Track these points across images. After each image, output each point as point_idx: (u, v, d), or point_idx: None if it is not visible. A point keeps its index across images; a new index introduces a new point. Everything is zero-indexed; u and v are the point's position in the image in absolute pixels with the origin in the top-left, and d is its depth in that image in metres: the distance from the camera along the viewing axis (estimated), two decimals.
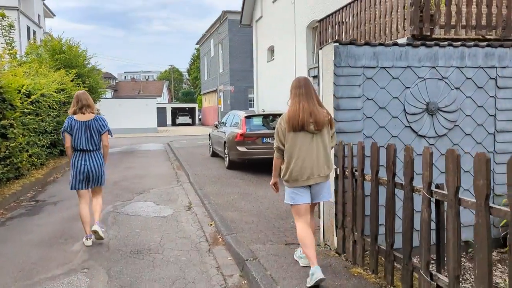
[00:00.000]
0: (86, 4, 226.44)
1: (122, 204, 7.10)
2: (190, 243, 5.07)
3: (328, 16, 8.46)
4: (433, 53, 4.31)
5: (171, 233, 5.47)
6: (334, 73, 4.14)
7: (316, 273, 3.38)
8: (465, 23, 5.93)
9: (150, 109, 32.02)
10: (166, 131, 34.83)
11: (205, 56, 45.76)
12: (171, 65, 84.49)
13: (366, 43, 4.18)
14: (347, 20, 7.60)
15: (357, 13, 7.25)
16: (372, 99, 4.23)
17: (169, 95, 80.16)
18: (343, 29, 8.09)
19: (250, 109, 35.66)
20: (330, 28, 8.57)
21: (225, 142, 10.99)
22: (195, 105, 50.55)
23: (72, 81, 14.89)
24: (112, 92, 68.20)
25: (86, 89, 15.56)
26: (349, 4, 7.65)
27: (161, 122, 41.12)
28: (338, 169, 4.18)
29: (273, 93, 15.48)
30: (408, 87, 4.30)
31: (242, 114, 10.75)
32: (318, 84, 4.61)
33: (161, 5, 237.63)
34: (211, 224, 5.87)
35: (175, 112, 50.13)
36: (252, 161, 10.01)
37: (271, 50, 16.12)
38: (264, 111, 10.72)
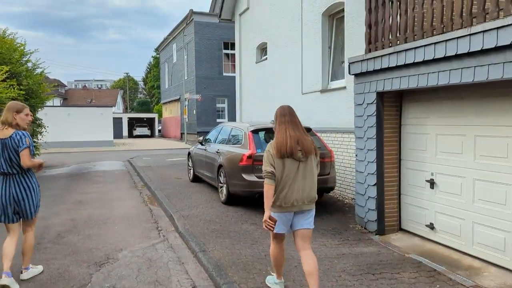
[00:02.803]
0: (34, 10, 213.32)
1: None
2: None
3: None
4: None
5: None
6: None
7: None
8: None
9: (106, 119, 27.99)
10: (123, 144, 30.83)
11: (165, 63, 42.14)
12: (126, 73, 79.66)
13: None
14: None
15: None
16: None
17: (123, 105, 75.25)
18: (407, 4, 5.36)
19: (219, 120, 32.53)
20: (384, 5, 5.82)
21: (220, 166, 7.86)
22: (155, 115, 46.54)
23: (3, 81, 11.18)
24: (61, 101, 62.63)
25: (23, 92, 11.86)
26: None
27: (117, 134, 36.95)
28: None
29: (265, 100, 12.54)
30: None
31: (245, 127, 7.69)
32: None
33: (116, 13, 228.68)
34: None
35: (132, 123, 45.89)
36: None
37: (262, 48, 13.21)
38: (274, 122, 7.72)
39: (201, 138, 9.90)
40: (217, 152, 8.26)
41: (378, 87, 5.97)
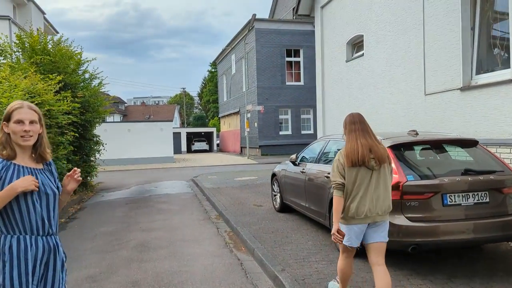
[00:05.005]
0: (96, 34, 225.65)
1: None
2: None
3: None
4: None
5: None
6: None
7: None
8: None
9: (166, 135, 26.64)
10: (183, 160, 29.40)
11: (223, 75, 40.80)
12: (183, 88, 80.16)
13: None
14: None
15: None
16: None
17: (180, 120, 75.60)
18: None
19: (282, 133, 30.25)
20: None
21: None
22: (213, 130, 45.20)
23: (58, 93, 9.63)
24: (121, 117, 63.73)
25: (78, 105, 10.27)
26: None
27: (176, 149, 35.79)
28: None
29: (362, 107, 10.02)
30: None
31: None
32: None
33: (172, 32, 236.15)
34: None
35: (190, 138, 44.89)
36: (428, 249, 4.50)
37: (355, 43, 10.78)
38: (417, 133, 5.22)
39: (293, 156, 7.57)
40: (326, 176, 5.87)
41: None
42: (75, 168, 2.39)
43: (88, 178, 12.90)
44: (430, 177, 4.52)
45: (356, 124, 3.53)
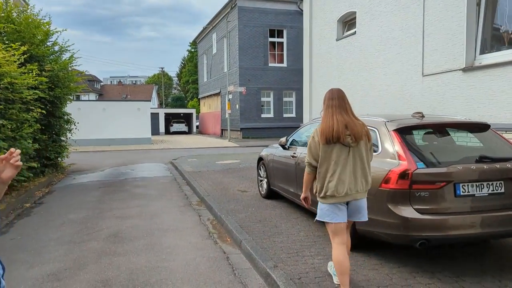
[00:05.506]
0: (72, 9, 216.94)
1: None
2: None
3: None
4: None
5: None
6: None
7: None
8: None
9: (143, 115, 25.63)
10: (161, 141, 28.51)
11: (204, 55, 39.69)
12: (161, 68, 78.19)
13: None
14: None
15: None
16: None
17: (158, 100, 73.95)
18: None
19: (264, 115, 29.63)
20: None
21: None
22: (192, 111, 44.21)
23: (22, 65, 8.74)
24: (97, 96, 61.74)
25: (45, 79, 9.40)
26: None
27: (154, 130, 34.82)
28: None
29: (352, 90, 9.52)
30: None
31: (379, 122, 4.67)
32: None
33: (150, 10, 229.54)
34: None
35: (169, 119, 43.84)
36: (438, 244, 4.07)
37: (346, 21, 10.20)
38: (423, 116, 4.72)
39: (283, 139, 7.01)
40: None
41: None
42: (12, 149, 1.75)
43: (59, 159, 12.07)
44: (441, 165, 4.03)
45: (334, 100, 3.43)
